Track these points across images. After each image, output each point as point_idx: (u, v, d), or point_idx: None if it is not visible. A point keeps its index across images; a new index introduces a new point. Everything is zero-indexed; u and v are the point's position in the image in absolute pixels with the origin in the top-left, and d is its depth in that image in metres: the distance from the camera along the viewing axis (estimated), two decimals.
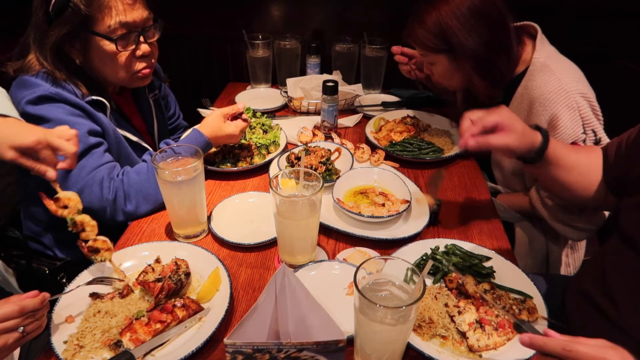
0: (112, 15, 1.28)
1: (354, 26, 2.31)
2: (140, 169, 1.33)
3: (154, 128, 1.68)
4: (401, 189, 1.39)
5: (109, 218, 1.31)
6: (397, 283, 0.87)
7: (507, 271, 1.12)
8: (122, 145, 1.44)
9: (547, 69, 1.42)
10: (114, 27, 1.29)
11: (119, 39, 1.31)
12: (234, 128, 1.44)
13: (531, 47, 1.49)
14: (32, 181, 1.41)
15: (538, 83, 1.42)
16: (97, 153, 1.32)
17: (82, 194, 1.27)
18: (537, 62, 1.45)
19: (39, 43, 1.30)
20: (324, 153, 1.50)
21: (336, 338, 0.75)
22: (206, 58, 2.58)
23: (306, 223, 1.08)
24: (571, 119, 1.36)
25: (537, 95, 1.41)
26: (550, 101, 1.38)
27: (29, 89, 1.27)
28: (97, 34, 1.29)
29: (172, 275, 1.05)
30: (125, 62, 1.36)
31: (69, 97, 1.29)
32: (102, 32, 1.29)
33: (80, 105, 1.31)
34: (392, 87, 2.18)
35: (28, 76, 1.30)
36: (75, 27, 1.27)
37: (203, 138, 1.40)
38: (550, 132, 1.37)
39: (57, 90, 1.28)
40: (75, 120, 1.29)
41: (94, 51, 1.33)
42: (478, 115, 1.09)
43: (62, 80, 1.30)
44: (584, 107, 1.37)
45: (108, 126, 1.38)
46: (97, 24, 1.28)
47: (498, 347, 0.95)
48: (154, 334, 0.95)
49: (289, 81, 2.03)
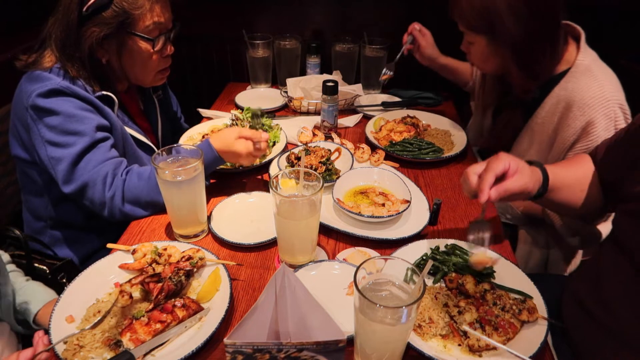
0: (152, 16, 1.33)
1: (354, 26, 2.31)
2: (143, 172, 1.32)
3: (158, 127, 1.68)
4: (401, 189, 1.39)
5: (107, 215, 1.31)
6: (397, 283, 0.87)
7: (507, 271, 1.12)
8: (128, 142, 1.45)
9: (591, 73, 1.38)
10: (151, 28, 1.35)
11: (156, 39, 1.37)
12: (243, 147, 1.31)
13: (575, 48, 1.45)
14: (34, 174, 1.42)
15: (580, 86, 1.38)
16: (104, 147, 1.32)
17: (86, 187, 1.28)
18: (580, 64, 1.41)
19: (65, 42, 1.31)
20: (324, 153, 1.50)
21: (336, 338, 0.75)
22: (206, 58, 2.58)
23: (306, 223, 1.08)
24: (606, 128, 1.33)
25: (577, 98, 1.37)
26: (590, 107, 1.35)
27: (41, 82, 1.28)
28: (137, 35, 1.34)
29: (173, 276, 1.05)
30: (156, 61, 1.42)
31: (79, 92, 1.30)
32: (141, 33, 1.34)
33: (90, 99, 1.32)
34: (392, 87, 2.18)
35: (40, 70, 1.31)
36: (114, 28, 1.30)
37: (212, 151, 1.33)
38: (582, 137, 1.36)
39: (67, 84, 1.29)
40: (84, 114, 1.30)
41: (128, 51, 1.37)
42: (482, 167, 1.08)
43: (75, 77, 1.32)
44: (620, 119, 1.34)
45: (116, 122, 1.39)
46: (136, 25, 1.33)
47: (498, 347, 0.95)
48: (154, 334, 0.95)
49: (289, 81, 2.03)
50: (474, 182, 1.07)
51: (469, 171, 1.09)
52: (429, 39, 1.87)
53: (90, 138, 1.29)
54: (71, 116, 1.28)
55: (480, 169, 1.08)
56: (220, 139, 1.34)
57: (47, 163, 1.29)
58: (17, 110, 1.34)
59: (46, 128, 1.28)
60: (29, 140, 1.33)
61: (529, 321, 0.99)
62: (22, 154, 1.39)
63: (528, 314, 0.99)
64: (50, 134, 1.28)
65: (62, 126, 1.27)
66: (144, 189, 1.30)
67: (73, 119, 1.28)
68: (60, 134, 1.28)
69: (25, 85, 1.30)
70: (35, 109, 1.27)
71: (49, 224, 1.48)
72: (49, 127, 1.27)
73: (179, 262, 1.10)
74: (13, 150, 1.42)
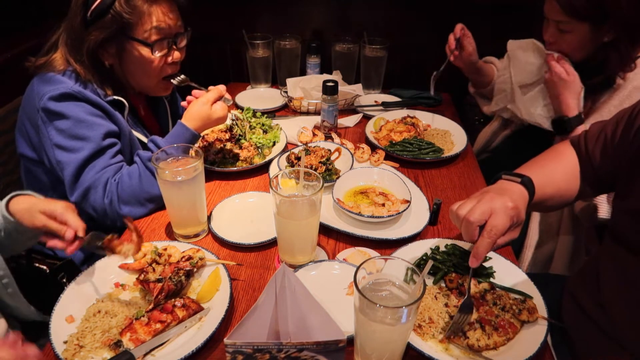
0: (151, 21, 1.32)
1: (354, 26, 2.31)
2: (133, 171, 1.32)
3: (169, 130, 1.68)
4: (401, 189, 1.39)
5: (110, 222, 1.32)
6: (397, 283, 0.87)
7: (507, 271, 1.12)
8: (136, 146, 1.45)
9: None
10: (151, 33, 1.33)
11: (155, 44, 1.34)
12: (221, 111, 1.37)
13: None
14: (40, 173, 1.42)
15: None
16: (109, 154, 1.33)
17: (88, 193, 1.29)
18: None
19: (71, 45, 1.32)
20: (324, 153, 1.50)
21: (336, 338, 0.75)
22: (206, 58, 2.58)
23: (306, 223, 1.08)
24: None
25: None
26: None
27: (53, 84, 1.29)
28: (135, 39, 1.32)
29: (173, 276, 1.05)
30: (157, 67, 1.39)
31: (90, 97, 1.31)
32: (139, 37, 1.32)
33: (101, 105, 1.33)
34: (392, 87, 2.18)
35: (53, 73, 1.31)
36: (113, 32, 1.29)
37: (189, 132, 1.36)
38: None
39: (79, 89, 1.29)
40: (94, 120, 1.31)
41: (128, 55, 1.36)
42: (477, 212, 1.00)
43: (87, 80, 1.33)
44: None
45: (125, 127, 1.40)
46: (135, 30, 1.31)
47: (498, 347, 0.95)
48: (154, 334, 0.95)
49: (289, 81, 2.03)
50: (475, 235, 1.00)
51: (470, 219, 0.99)
52: (473, 41, 1.81)
53: (97, 145, 1.30)
54: (81, 121, 1.28)
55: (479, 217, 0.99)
56: (195, 117, 1.36)
57: (55, 166, 1.31)
58: (28, 110, 1.35)
59: (56, 131, 1.28)
60: (37, 141, 1.34)
61: (529, 321, 0.99)
62: (29, 153, 1.40)
63: (528, 314, 0.99)
64: (59, 138, 1.28)
65: (71, 131, 1.28)
66: (137, 187, 1.31)
67: (83, 124, 1.28)
68: (69, 139, 1.28)
69: (38, 87, 1.31)
70: (47, 112, 1.28)
71: None
72: (58, 131, 1.28)
73: (179, 262, 1.10)
74: (20, 148, 1.42)
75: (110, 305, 1.03)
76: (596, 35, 1.44)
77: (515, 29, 1.85)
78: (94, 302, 1.05)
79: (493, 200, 1.00)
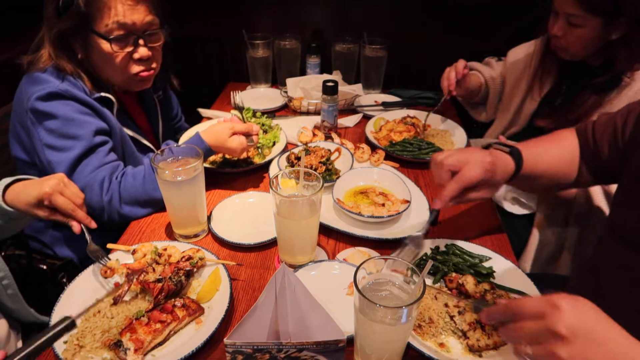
0: (111, 15, 1.29)
1: (354, 26, 2.31)
2: (138, 172, 1.32)
3: (159, 128, 1.68)
4: (401, 189, 1.39)
5: (107, 219, 1.31)
6: (397, 283, 0.87)
7: (507, 271, 1.12)
8: (127, 144, 1.44)
9: None
10: (112, 28, 1.30)
11: (114, 39, 1.31)
12: (237, 144, 1.35)
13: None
14: (35, 175, 1.41)
15: None
16: (102, 152, 1.32)
17: (83, 192, 1.28)
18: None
19: (49, 37, 1.32)
20: (324, 153, 1.50)
21: (336, 338, 0.75)
22: (206, 58, 2.58)
23: (306, 223, 1.08)
24: None
25: None
26: None
27: (39, 84, 1.28)
28: (95, 33, 1.30)
29: (173, 277, 1.05)
30: (120, 64, 1.36)
31: (78, 95, 1.30)
32: (100, 31, 1.30)
33: (89, 103, 1.32)
34: (392, 87, 2.18)
35: (39, 72, 1.31)
36: (77, 24, 1.28)
37: (204, 145, 1.35)
38: None
39: (66, 87, 1.29)
40: (83, 118, 1.30)
41: (92, 49, 1.34)
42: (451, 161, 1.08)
43: (68, 73, 1.31)
44: None
45: (115, 124, 1.39)
46: (96, 23, 1.29)
47: (498, 347, 0.95)
48: (154, 334, 0.95)
49: (289, 81, 2.03)
50: (445, 178, 1.08)
51: (444, 162, 1.08)
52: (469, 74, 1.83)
53: (88, 142, 1.29)
54: (70, 120, 1.27)
55: (452, 163, 1.07)
56: (213, 135, 1.35)
57: (46, 166, 1.30)
58: (18, 112, 1.35)
59: (45, 131, 1.28)
60: (29, 142, 1.34)
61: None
62: (23, 155, 1.40)
63: None
64: (48, 138, 1.28)
65: (61, 130, 1.27)
66: (140, 188, 1.30)
67: (72, 122, 1.28)
68: (59, 138, 1.28)
69: (25, 87, 1.30)
70: (35, 112, 1.27)
71: (49, 223, 1.48)
72: (48, 131, 1.28)
73: (179, 262, 1.10)
74: (13, 151, 1.42)
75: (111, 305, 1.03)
76: (605, 32, 1.42)
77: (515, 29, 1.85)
78: (93, 302, 1.05)
79: (472, 152, 1.07)
